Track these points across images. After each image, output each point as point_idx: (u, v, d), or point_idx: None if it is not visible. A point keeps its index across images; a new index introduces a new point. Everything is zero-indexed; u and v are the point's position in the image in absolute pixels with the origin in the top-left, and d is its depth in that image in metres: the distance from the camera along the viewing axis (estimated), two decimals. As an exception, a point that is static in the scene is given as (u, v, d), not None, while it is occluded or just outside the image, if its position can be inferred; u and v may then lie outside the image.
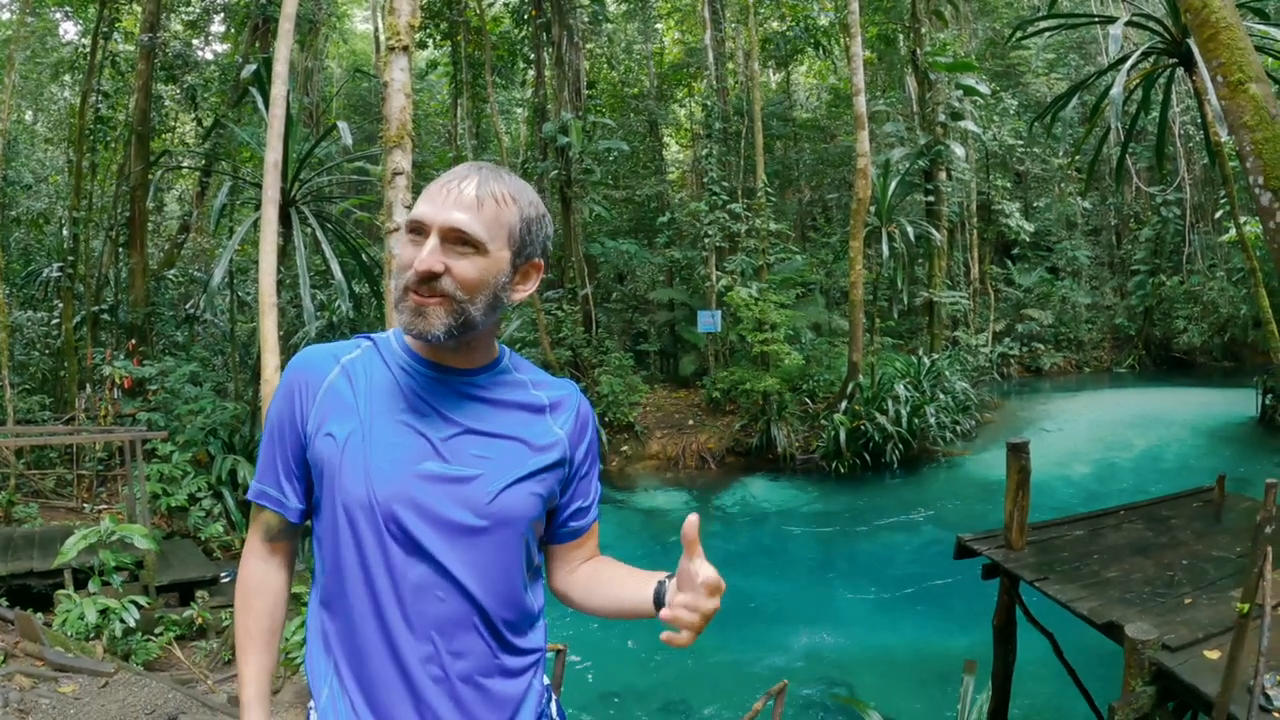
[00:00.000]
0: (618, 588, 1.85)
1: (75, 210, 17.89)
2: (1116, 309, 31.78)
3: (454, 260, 1.66)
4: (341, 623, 1.71)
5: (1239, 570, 6.05)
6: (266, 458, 1.82)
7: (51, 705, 5.85)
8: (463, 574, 1.67)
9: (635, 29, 31.02)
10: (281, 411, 1.79)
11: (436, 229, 1.66)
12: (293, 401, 1.78)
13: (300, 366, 1.81)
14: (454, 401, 1.76)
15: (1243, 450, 18.49)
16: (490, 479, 1.71)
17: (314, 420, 1.74)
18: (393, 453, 1.68)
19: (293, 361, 1.83)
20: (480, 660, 1.71)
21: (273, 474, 1.81)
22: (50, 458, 15.27)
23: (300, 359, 1.83)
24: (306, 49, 23.01)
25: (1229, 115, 5.59)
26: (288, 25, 9.23)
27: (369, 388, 1.75)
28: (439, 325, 1.66)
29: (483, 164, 1.77)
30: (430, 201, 1.68)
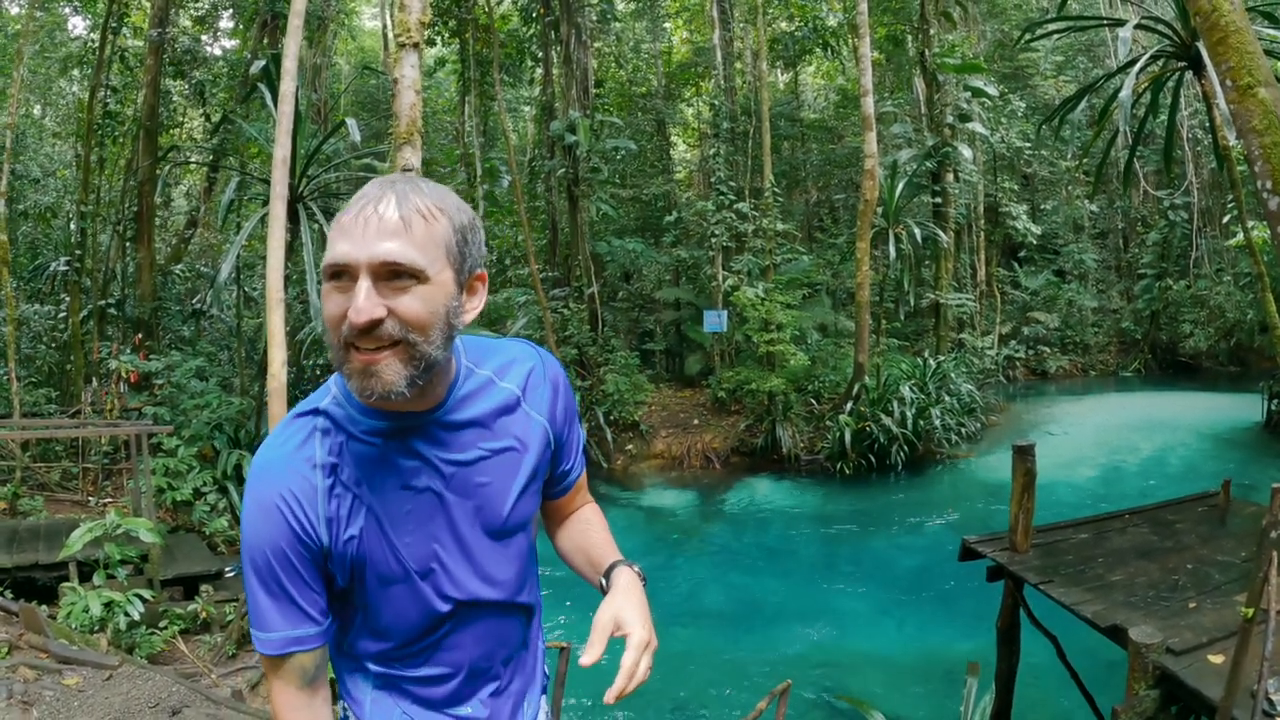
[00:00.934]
0: (591, 554, 1.94)
1: (83, 204, 17.89)
2: (1123, 312, 31.72)
3: (393, 299, 1.42)
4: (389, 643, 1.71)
5: (1243, 575, 6.05)
6: (275, 600, 1.56)
7: (55, 697, 5.86)
8: (495, 593, 1.73)
9: (643, 28, 31.00)
10: (278, 540, 1.53)
11: (365, 268, 1.41)
12: (289, 525, 1.53)
13: (276, 484, 1.54)
14: (438, 445, 1.62)
15: (1248, 455, 18.46)
16: (498, 500, 1.69)
17: (327, 533, 1.56)
18: (410, 524, 1.60)
19: (261, 482, 1.56)
20: (514, 647, 1.86)
21: (294, 612, 1.57)
22: (56, 451, 15.29)
23: (269, 478, 1.55)
24: (315, 45, 23.01)
25: (1237, 119, 5.58)
26: (297, 21, 9.23)
27: (355, 473, 1.57)
28: (398, 380, 1.45)
29: (394, 177, 1.52)
30: (348, 237, 1.42)
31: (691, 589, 13.33)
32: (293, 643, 1.57)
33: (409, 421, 1.58)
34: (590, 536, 1.98)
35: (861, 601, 12.44)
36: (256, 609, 1.57)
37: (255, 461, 1.60)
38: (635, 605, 1.69)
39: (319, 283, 14.17)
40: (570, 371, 20.03)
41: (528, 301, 22.12)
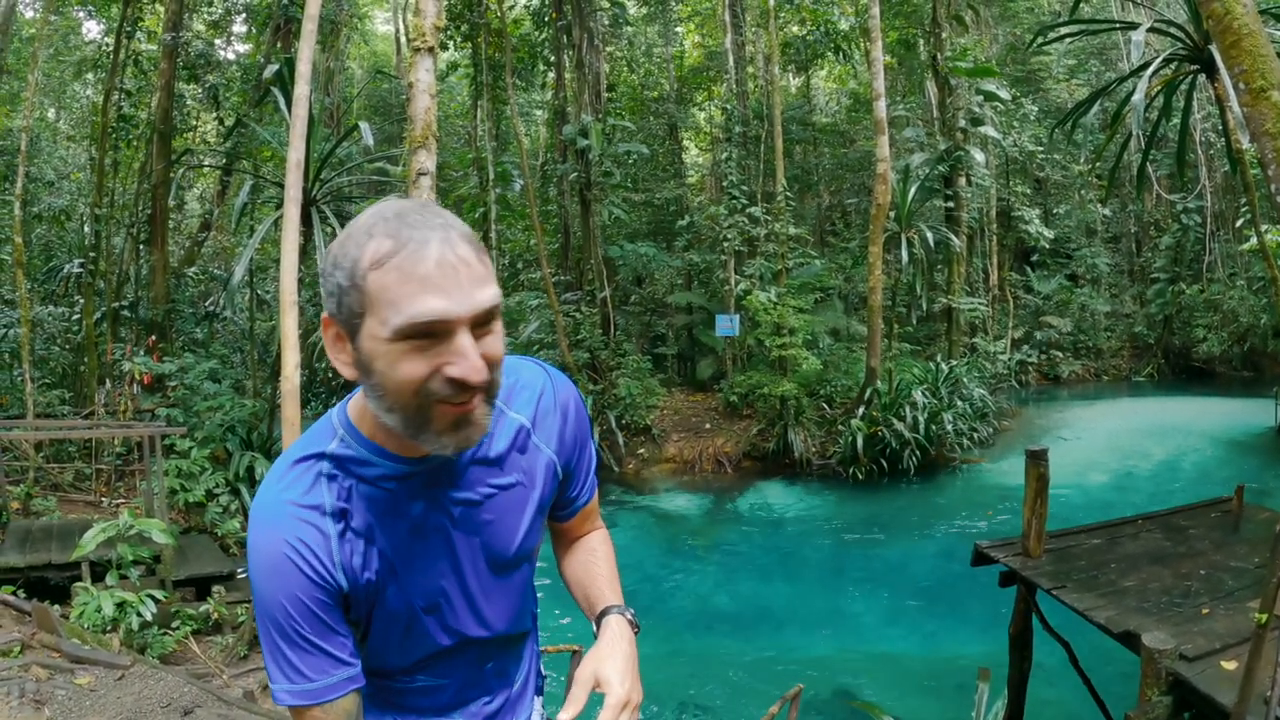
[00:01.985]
0: (589, 590, 1.90)
1: (97, 207, 17.98)
2: (1136, 317, 31.60)
3: (484, 344, 1.32)
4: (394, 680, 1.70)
5: (1257, 581, 6.02)
6: (301, 651, 1.47)
7: (67, 696, 5.88)
8: (497, 628, 1.72)
9: (655, 32, 31.01)
10: (294, 591, 1.44)
11: (466, 322, 1.28)
12: (304, 574, 1.44)
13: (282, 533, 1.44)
14: (447, 485, 1.55)
15: (1261, 461, 18.38)
16: (505, 537, 1.64)
17: (345, 578, 1.48)
18: (420, 562, 1.55)
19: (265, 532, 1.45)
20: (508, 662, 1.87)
21: (324, 660, 1.48)
22: (69, 452, 15.37)
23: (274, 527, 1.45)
24: (328, 50, 23.11)
25: (1251, 122, 5.56)
26: (311, 26, 9.27)
27: (366, 518, 1.49)
28: (487, 420, 1.40)
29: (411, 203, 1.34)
30: (440, 291, 1.25)
31: (703, 593, 13.32)
32: (327, 691, 1.48)
33: (429, 463, 1.50)
34: (592, 570, 1.92)
35: (873, 606, 12.42)
36: (278, 663, 1.47)
37: (256, 509, 1.49)
38: (619, 659, 1.65)
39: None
40: (582, 375, 20.11)
41: (540, 305, 22.16)
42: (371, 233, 1.28)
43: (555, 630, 11.06)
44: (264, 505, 1.48)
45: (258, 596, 1.47)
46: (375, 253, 1.26)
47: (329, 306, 1.35)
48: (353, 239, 1.30)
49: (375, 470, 1.49)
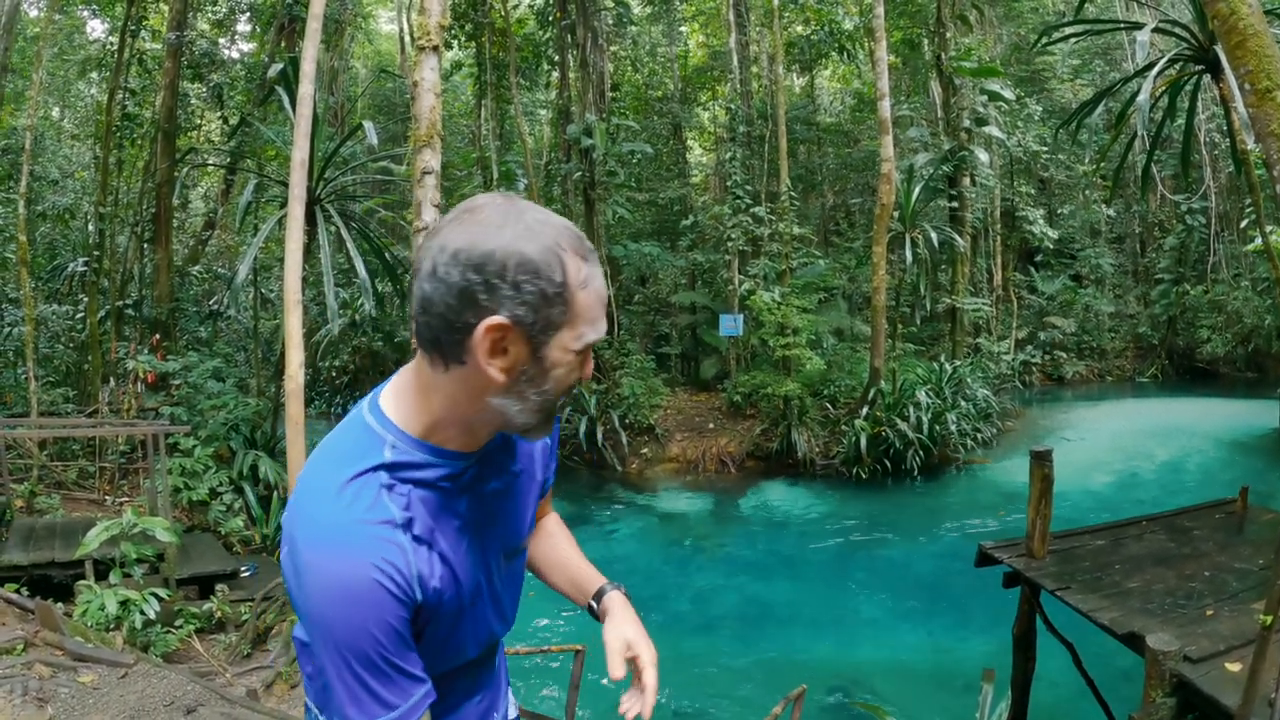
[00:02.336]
0: (572, 573, 1.97)
1: (101, 206, 18.00)
2: (1140, 318, 31.55)
3: None
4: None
5: (1261, 582, 6.01)
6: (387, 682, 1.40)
7: (70, 694, 5.89)
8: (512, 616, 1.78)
9: (660, 32, 30.99)
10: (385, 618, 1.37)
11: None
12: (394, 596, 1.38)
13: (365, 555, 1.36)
14: (481, 478, 1.58)
15: (1266, 462, 18.36)
16: (518, 521, 1.70)
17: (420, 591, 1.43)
18: (468, 560, 1.54)
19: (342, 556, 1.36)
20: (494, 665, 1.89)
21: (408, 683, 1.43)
22: (73, 450, 15.39)
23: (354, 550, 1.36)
24: (332, 49, 23.14)
25: (1256, 123, 5.54)
26: (315, 25, 9.27)
27: (427, 523, 1.46)
28: None
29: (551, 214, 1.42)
30: (604, 313, 1.44)
31: (706, 593, 13.32)
32: (411, 714, 1.43)
33: (477, 456, 1.54)
34: (563, 552, 2.00)
35: (877, 607, 12.41)
36: (358, 697, 1.39)
37: (319, 533, 1.38)
38: (638, 626, 1.83)
39: (336, 284, 14.21)
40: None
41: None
42: (562, 248, 1.34)
43: (556, 630, 11.08)
44: (331, 527, 1.38)
45: (329, 629, 1.36)
46: (578, 273, 1.35)
47: (511, 311, 1.32)
48: (538, 248, 1.32)
49: (435, 472, 1.47)
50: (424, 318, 1.35)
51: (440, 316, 1.33)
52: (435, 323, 1.33)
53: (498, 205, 1.36)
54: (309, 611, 1.38)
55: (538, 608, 11.64)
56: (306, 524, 1.40)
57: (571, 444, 20.02)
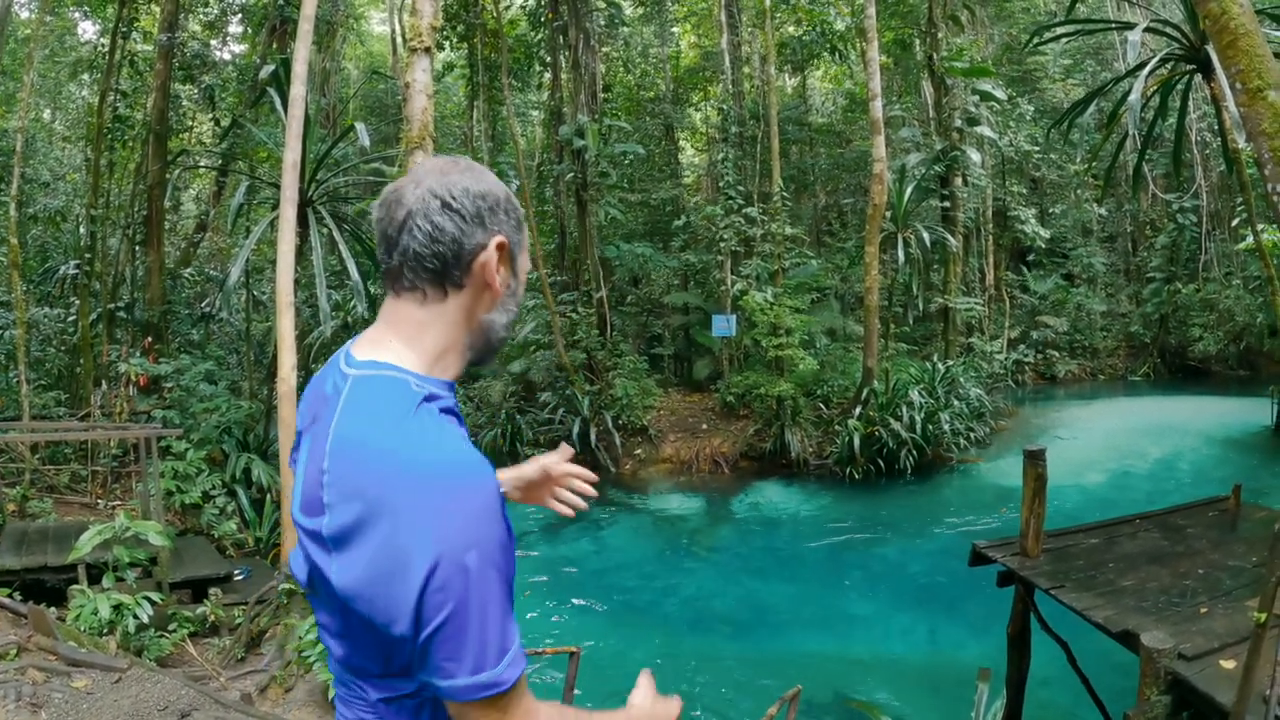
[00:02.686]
0: None
1: (93, 208, 17.96)
2: (1132, 316, 31.64)
3: None
4: None
5: (1255, 580, 6.03)
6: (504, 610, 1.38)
7: (64, 700, 5.87)
8: None
9: (651, 32, 31.01)
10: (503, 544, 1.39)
11: None
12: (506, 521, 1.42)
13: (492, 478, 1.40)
14: None
15: (1258, 460, 18.40)
16: None
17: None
18: None
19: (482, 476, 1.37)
20: None
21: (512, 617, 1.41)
22: (65, 453, 15.33)
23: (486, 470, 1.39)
24: (324, 50, 23.10)
25: (1247, 122, 5.57)
26: (307, 26, 9.27)
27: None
28: None
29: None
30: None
31: (700, 593, 13.31)
32: (522, 648, 1.42)
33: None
34: None
35: (871, 606, 12.42)
36: (505, 623, 1.37)
37: (437, 454, 1.36)
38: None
39: (328, 286, 14.19)
40: (579, 376, 20.15)
41: (536, 306, 22.14)
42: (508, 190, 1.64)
43: (550, 633, 11.07)
44: (443, 447, 1.38)
45: (478, 542, 1.33)
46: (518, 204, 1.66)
47: (508, 231, 1.59)
48: (504, 190, 1.62)
49: (448, 401, 1.51)
50: (432, 248, 1.50)
51: (454, 241, 1.51)
52: (447, 250, 1.51)
53: (467, 162, 1.61)
54: (449, 534, 1.31)
55: (529, 606, 11.65)
56: (413, 453, 1.35)
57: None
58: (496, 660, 1.34)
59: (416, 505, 1.31)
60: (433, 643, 1.32)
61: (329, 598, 1.47)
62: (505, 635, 1.36)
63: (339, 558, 1.38)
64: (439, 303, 1.53)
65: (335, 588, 1.39)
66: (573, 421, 19.81)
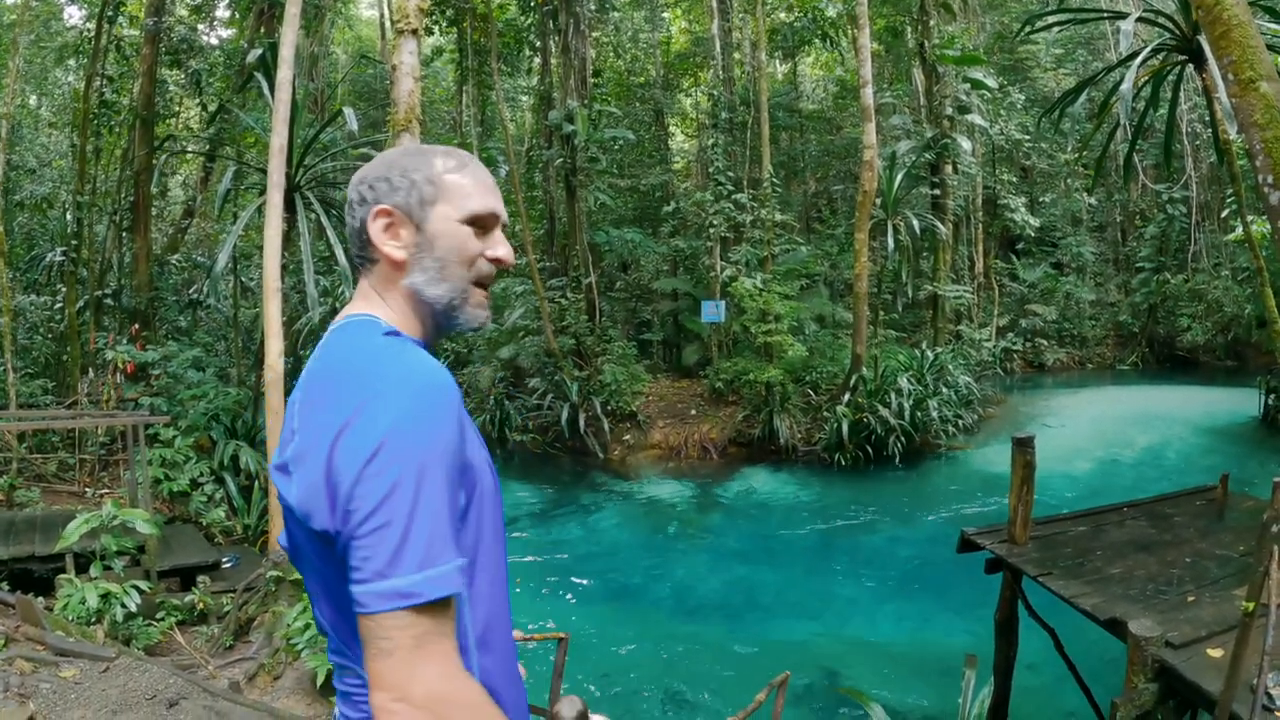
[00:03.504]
0: None
1: (79, 195, 17.86)
2: (1120, 306, 31.73)
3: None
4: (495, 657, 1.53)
5: (1242, 569, 6.05)
6: (444, 521, 1.27)
7: (52, 689, 5.86)
8: None
9: (642, 17, 30.93)
10: (454, 443, 1.35)
11: (501, 222, 1.69)
12: (460, 427, 1.39)
13: (450, 380, 1.40)
14: None
15: (1245, 449, 18.49)
16: None
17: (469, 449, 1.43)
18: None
19: (440, 375, 1.39)
20: None
21: (455, 540, 1.30)
22: (52, 442, 15.27)
23: (442, 372, 1.40)
24: (312, 34, 22.94)
25: (1239, 113, 5.57)
26: (294, 10, 9.20)
27: None
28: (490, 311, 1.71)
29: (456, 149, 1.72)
30: (494, 194, 1.66)
31: (689, 580, 13.33)
32: (460, 576, 1.28)
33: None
34: None
35: (859, 593, 12.45)
36: (435, 530, 1.25)
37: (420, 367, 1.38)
38: None
39: (316, 272, 14.13)
40: (567, 361, 20.15)
41: (525, 291, 22.12)
42: (428, 154, 1.64)
43: (539, 620, 11.08)
44: (403, 349, 1.45)
45: (425, 432, 1.29)
46: (446, 163, 1.63)
47: (390, 199, 1.59)
48: (410, 157, 1.63)
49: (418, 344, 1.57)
50: (350, 227, 1.65)
51: (353, 230, 1.63)
52: (354, 237, 1.64)
53: (398, 150, 1.68)
54: (396, 425, 1.27)
55: (516, 595, 11.65)
56: (376, 366, 1.39)
57: (554, 431, 20.03)
58: (416, 568, 1.21)
59: (372, 402, 1.31)
60: (355, 536, 1.24)
61: (309, 556, 1.44)
62: (434, 545, 1.23)
63: (297, 474, 1.37)
64: (372, 274, 1.63)
65: (295, 510, 1.37)
66: (561, 407, 19.81)
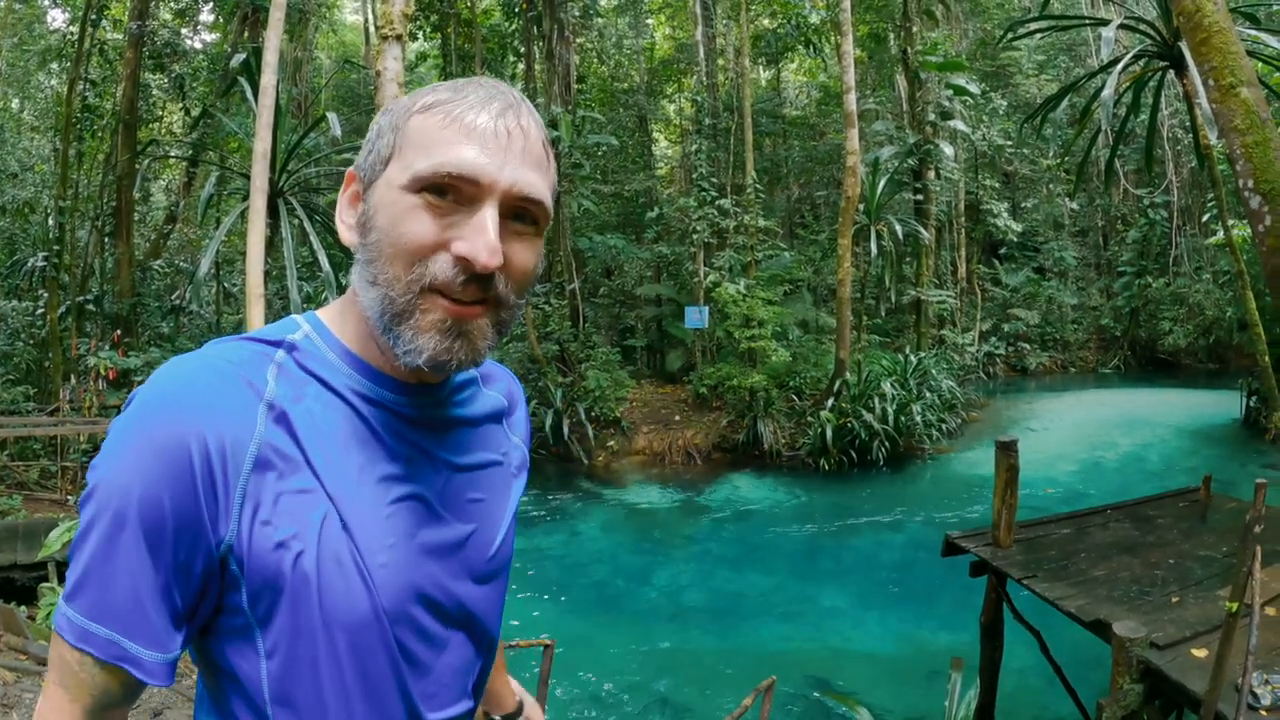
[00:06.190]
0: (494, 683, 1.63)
1: (61, 199, 17.76)
2: (1102, 310, 31.93)
3: (510, 244, 1.04)
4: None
5: (1225, 570, 6.09)
6: (126, 583, 0.96)
7: (35, 700, 5.80)
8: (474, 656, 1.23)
9: (626, 24, 31.00)
10: (162, 494, 0.95)
11: (499, 194, 1.02)
12: (192, 481, 0.95)
13: (198, 414, 0.97)
14: (438, 432, 1.18)
15: (1226, 451, 18.59)
16: (486, 528, 1.23)
17: (240, 522, 0.98)
18: (389, 538, 1.06)
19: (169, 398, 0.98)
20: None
21: (139, 614, 0.96)
22: (34, 449, 15.16)
23: (188, 397, 0.98)
24: (296, 39, 22.92)
25: (1220, 118, 5.62)
26: (278, 14, 9.18)
27: (321, 436, 1.04)
28: (483, 347, 1.07)
29: (487, 80, 1.11)
30: (481, 144, 1.01)
31: (673, 586, 13.32)
32: (108, 647, 0.97)
33: (417, 395, 1.14)
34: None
35: (845, 597, 12.46)
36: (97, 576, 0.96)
37: (167, 372, 1.01)
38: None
39: (299, 278, 14.07)
40: (551, 367, 20.09)
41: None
42: (436, 87, 1.09)
43: (525, 626, 11.04)
44: (179, 369, 1.02)
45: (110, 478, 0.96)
46: (427, 100, 1.06)
47: (358, 159, 1.11)
48: (385, 114, 1.10)
49: (347, 380, 1.10)
50: None
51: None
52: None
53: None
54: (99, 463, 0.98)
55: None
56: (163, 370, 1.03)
57: (537, 437, 20.00)
58: (67, 598, 0.98)
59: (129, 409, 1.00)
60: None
61: None
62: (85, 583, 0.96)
63: None
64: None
65: None
66: (545, 413, 19.77)
